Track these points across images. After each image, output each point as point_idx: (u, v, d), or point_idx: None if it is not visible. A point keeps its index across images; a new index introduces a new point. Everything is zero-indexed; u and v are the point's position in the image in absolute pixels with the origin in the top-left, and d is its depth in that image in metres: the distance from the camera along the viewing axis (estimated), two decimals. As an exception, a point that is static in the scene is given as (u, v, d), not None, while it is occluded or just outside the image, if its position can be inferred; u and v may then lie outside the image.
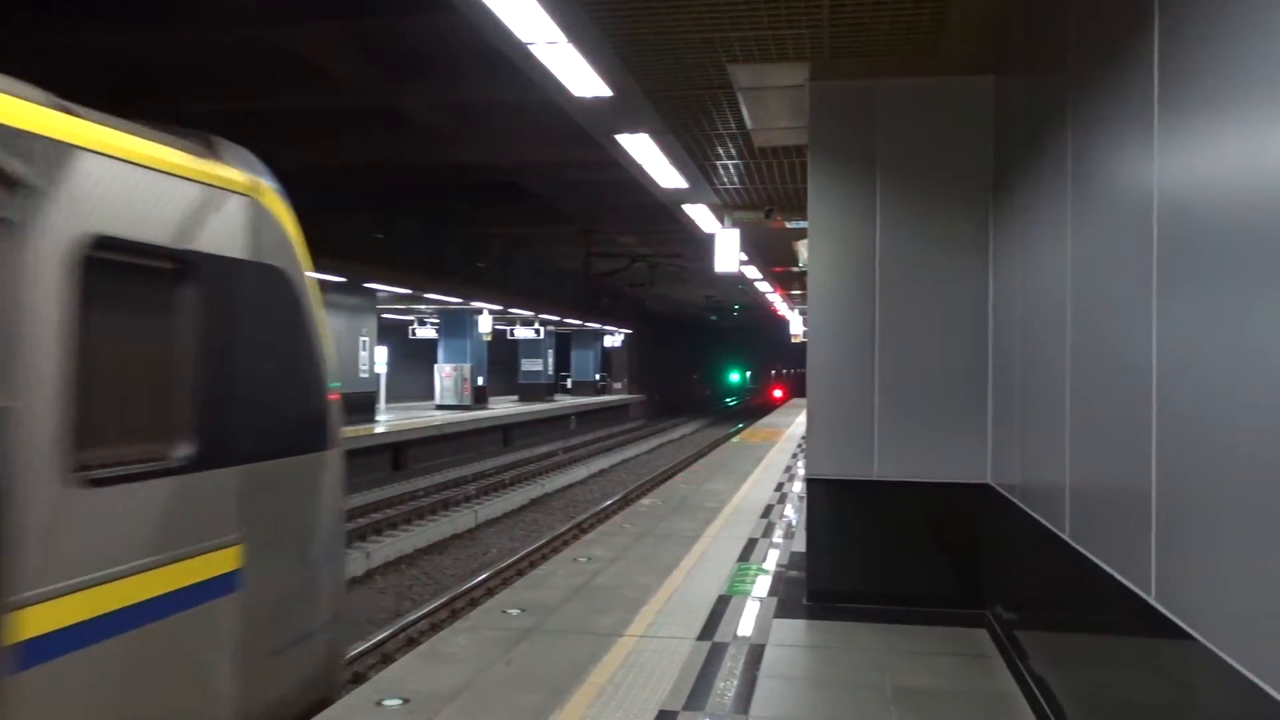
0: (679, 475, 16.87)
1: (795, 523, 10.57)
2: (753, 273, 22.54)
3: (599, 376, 49.49)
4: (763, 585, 7.70)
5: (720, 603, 7.14)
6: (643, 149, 9.73)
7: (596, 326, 44.21)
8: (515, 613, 6.85)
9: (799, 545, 8.69)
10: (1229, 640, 2.50)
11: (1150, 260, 3.09)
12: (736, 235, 13.31)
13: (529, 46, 6.47)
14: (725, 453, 20.33)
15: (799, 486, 13.67)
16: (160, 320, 3.61)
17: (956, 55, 6.62)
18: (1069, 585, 4.29)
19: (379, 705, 5.07)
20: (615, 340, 48.37)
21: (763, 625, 6.55)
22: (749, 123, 8.50)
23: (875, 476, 6.87)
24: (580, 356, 49.40)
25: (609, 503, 19.46)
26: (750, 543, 9.53)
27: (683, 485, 14.44)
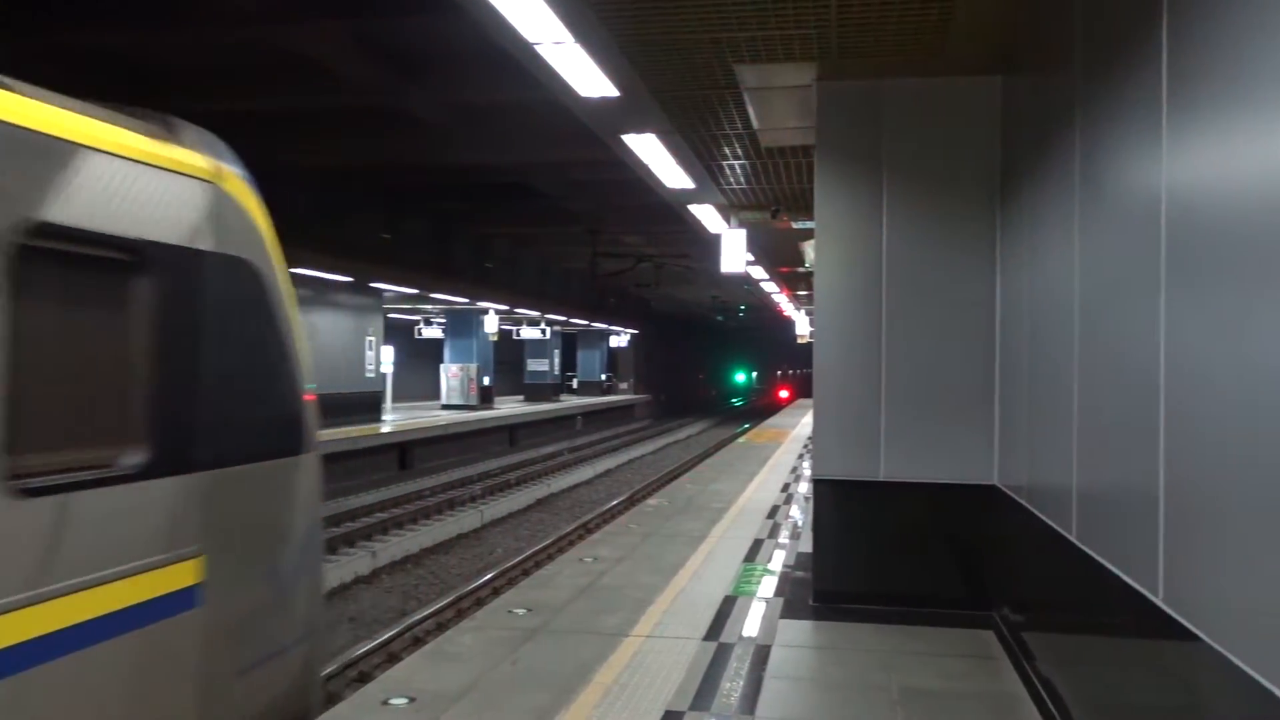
0: (685, 475, 16.86)
1: (801, 523, 10.56)
2: (759, 273, 22.52)
3: (605, 377, 49.50)
4: (769, 586, 7.70)
5: (726, 603, 7.14)
6: (649, 149, 9.73)
7: (602, 326, 44.23)
8: (521, 612, 6.86)
9: (805, 546, 8.68)
10: (1236, 642, 2.50)
11: (1158, 261, 3.08)
12: (743, 236, 13.30)
13: (535, 46, 6.48)
14: (731, 453, 20.32)
15: (805, 487, 13.66)
16: (109, 315, 3.33)
17: (963, 55, 6.61)
18: (1076, 587, 4.29)
19: (385, 704, 5.08)
20: (621, 340, 48.38)
21: (769, 626, 6.55)
22: (756, 123, 8.49)
23: (882, 477, 6.86)
24: (586, 357, 49.42)
25: (615, 503, 19.46)
26: (756, 543, 9.53)
27: (689, 485, 14.44)
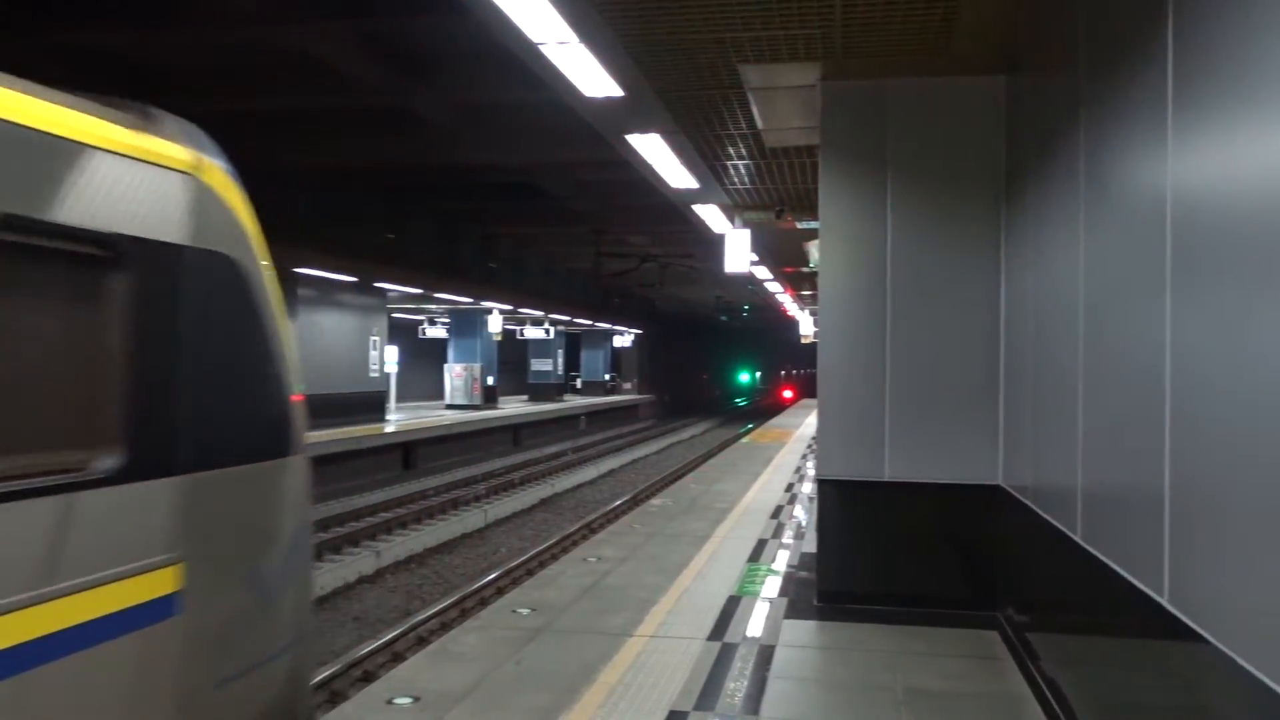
0: (689, 475, 16.86)
1: (805, 523, 10.56)
2: (763, 273, 22.52)
3: (609, 377, 49.51)
4: (773, 586, 7.69)
5: (730, 603, 7.14)
6: (654, 149, 9.74)
7: (606, 326, 44.23)
8: (525, 612, 6.86)
9: (809, 546, 8.68)
10: (1242, 642, 2.49)
11: (1163, 261, 3.08)
12: (747, 236, 13.30)
13: (540, 47, 6.48)
14: (735, 453, 20.32)
15: (809, 487, 13.65)
16: (81, 312, 3.17)
17: (968, 55, 6.61)
18: (1080, 587, 4.28)
19: (390, 704, 5.08)
20: (625, 340, 48.38)
21: (773, 626, 6.55)
22: (760, 123, 8.49)
23: (886, 477, 6.85)
24: (590, 356, 49.43)
25: (619, 503, 19.46)
26: (760, 543, 9.52)
27: (693, 485, 14.44)
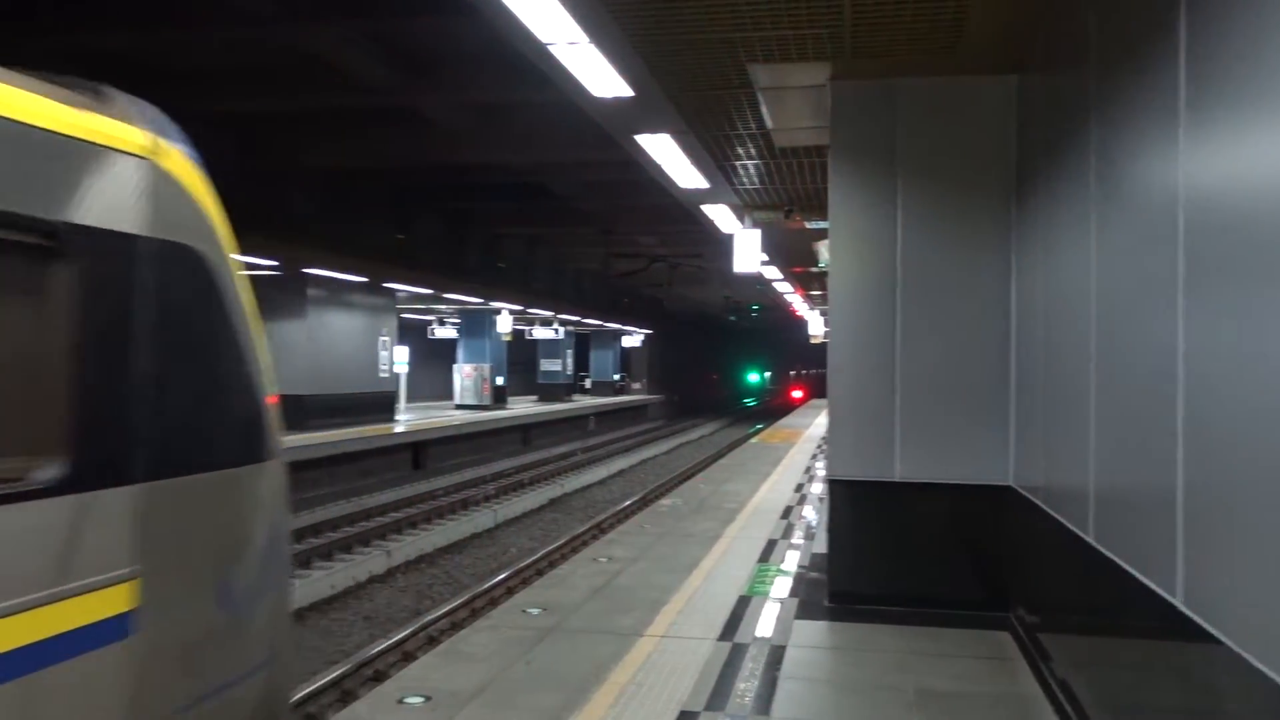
0: (698, 476, 16.85)
1: (815, 524, 10.54)
2: (772, 273, 22.49)
3: (618, 377, 49.52)
4: (783, 586, 7.68)
5: (741, 603, 7.14)
6: (663, 149, 9.74)
7: (615, 327, 44.24)
8: (535, 612, 6.87)
9: (820, 546, 8.66)
10: (1256, 644, 2.48)
11: (1175, 261, 3.07)
12: (757, 236, 13.28)
13: (549, 47, 6.49)
14: (744, 453, 20.31)
15: (818, 488, 13.63)
16: (21, 307, 2.90)
17: (978, 54, 6.59)
18: (1093, 588, 4.27)
19: (401, 703, 5.09)
20: (634, 340, 48.38)
21: (784, 626, 6.54)
22: (769, 123, 8.48)
23: (897, 478, 6.84)
24: (599, 357, 49.45)
25: (628, 503, 19.46)
26: (770, 544, 9.51)
27: (702, 486, 14.43)
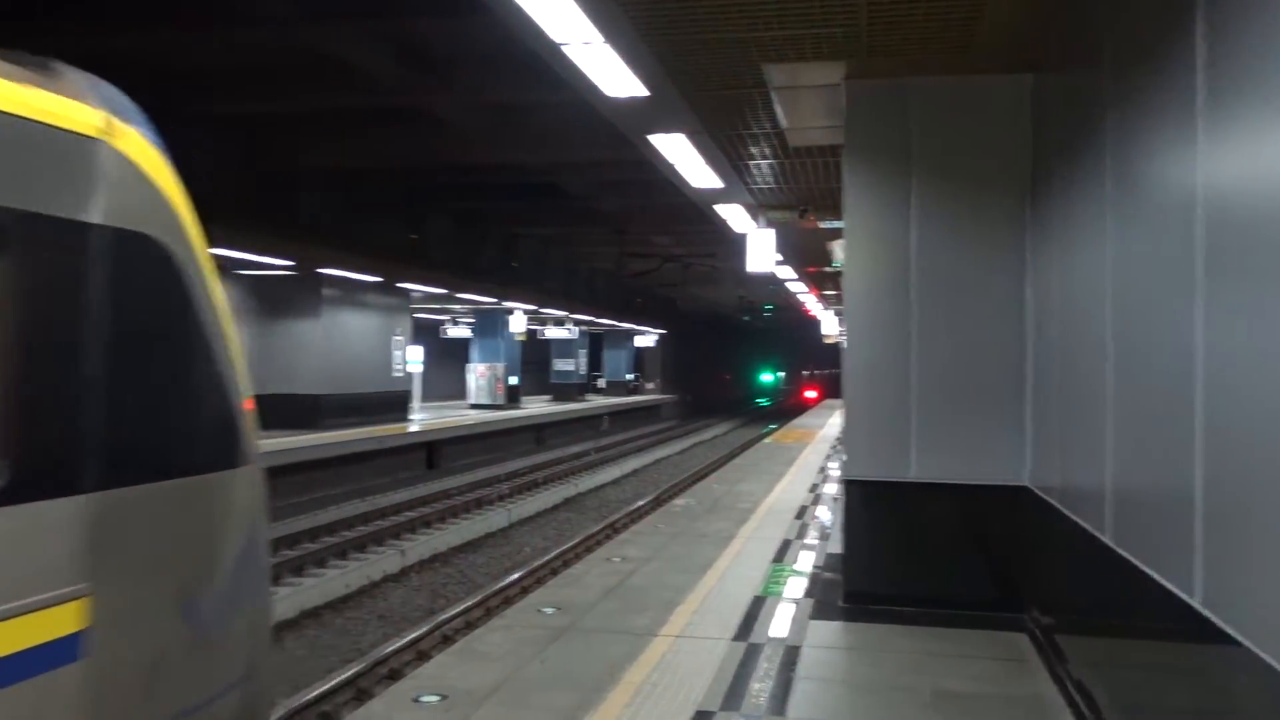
0: (712, 476, 16.85)
1: (830, 524, 10.52)
2: (786, 273, 22.46)
3: (632, 376, 49.52)
4: (798, 586, 7.68)
5: (755, 604, 7.13)
6: (678, 149, 9.74)
7: (629, 326, 44.25)
8: (550, 611, 6.88)
9: (834, 547, 8.65)
10: (1276, 645, 2.46)
11: (1193, 261, 3.05)
12: (772, 235, 13.27)
13: (564, 47, 6.49)
14: (758, 453, 20.29)
15: (832, 488, 13.61)
16: None
17: (993, 53, 6.56)
18: (1110, 589, 4.25)
19: (417, 701, 5.11)
20: (648, 340, 48.37)
21: (799, 627, 6.54)
22: (784, 122, 8.48)
23: (913, 478, 6.82)
24: (612, 356, 49.46)
25: (642, 503, 19.46)
26: (784, 544, 9.50)
27: (716, 486, 14.43)
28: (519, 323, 32.90)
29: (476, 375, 33.28)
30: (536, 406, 34.95)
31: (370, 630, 10.83)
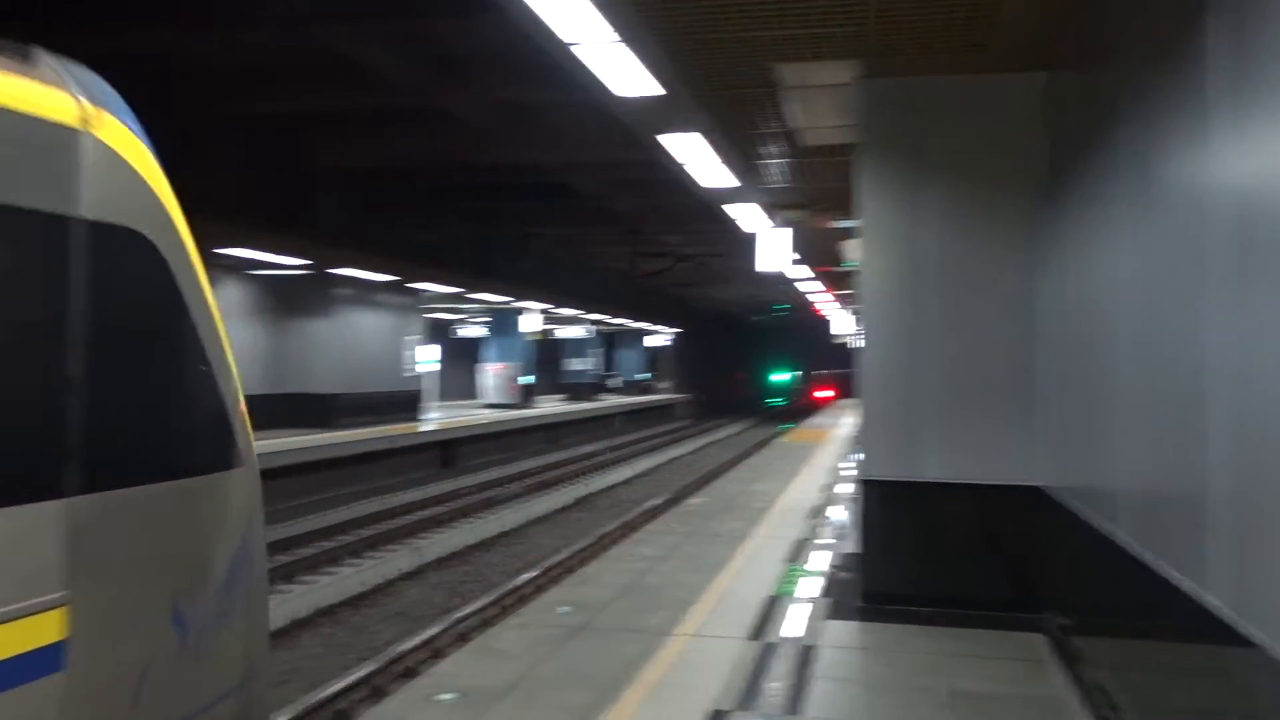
0: (726, 475, 16.85)
1: (845, 524, 10.51)
2: (799, 272, 22.42)
3: (647, 376, 49.52)
4: (813, 586, 7.67)
5: (770, 603, 7.13)
6: (692, 148, 9.74)
7: (642, 326, 44.27)
8: (565, 610, 6.90)
9: (850, 547, 8.64)
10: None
11: (1213, 260, 3.04)
12: (787, 234, 13.26)
13: (579, 47, 6.50)
14: (772, 453, 20.27)
15: (847, 488, 13.59)
16: None
17: (1006, 52, 6.54)
18: (1126, 591, 4.23)
19: (434, 699, 5.13)
20: (661, 340, 48.38)
21: (814, 626, 6.53)
22: (796, 121, 8.47)
23: (929, 478, 6.81)
24: (625, 356, 49.49)
25: (656, 502, 19.45)
26: (799, 544, 9.50)
27: (730, 485, 14.42)
28: (533, 322, 32.95)
29: (490, 374, 33.37)
30: (550, 406, 35.00)
31: (386, 628, 10.87)
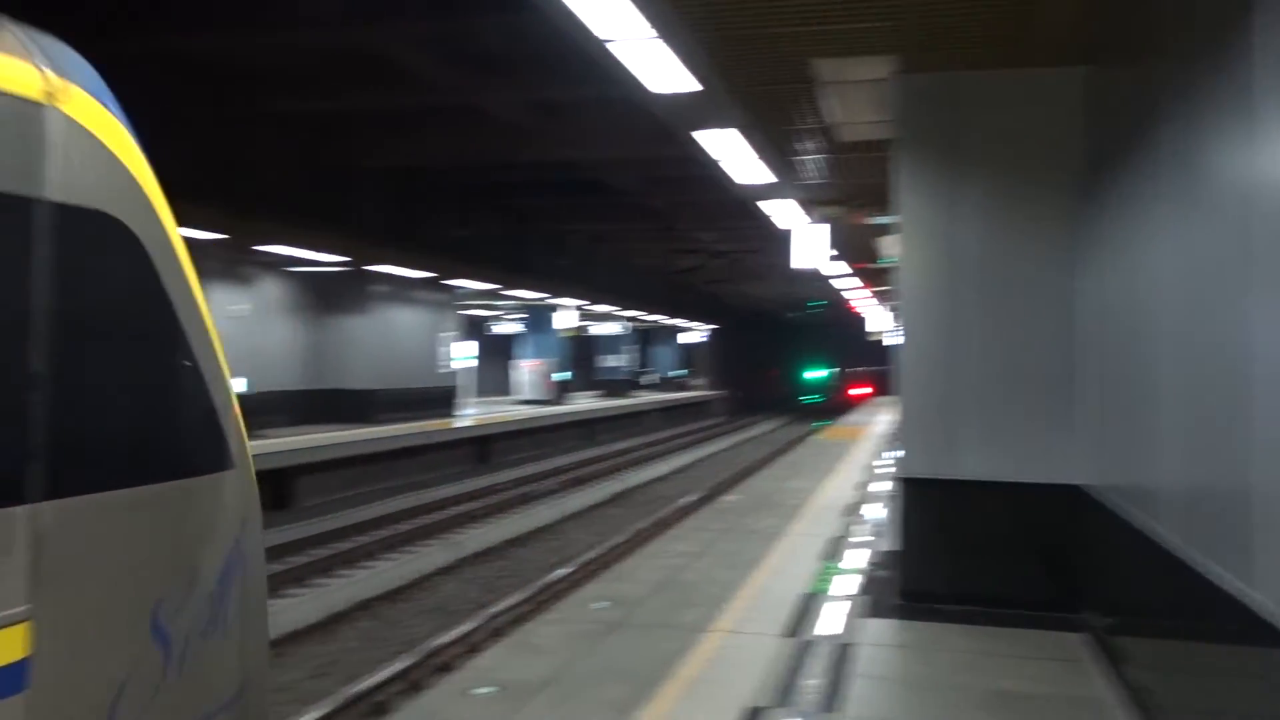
0: (760, 472, 16.81)
1: (881, 522, 10.45)
2: (836, 269, 22.29)
3: (679, 373, 49.50)
4: (849, 584, 7.63)
5: (806, 600, 7.11)
6: (728, 144, 9.71)
7: (676, 323, 44.26)
8: (600, 606, 6.91)
9: (887, 545, 8.59)
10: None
11: (1259, 255, 2.99)
12: (826, 231, 13.19)
13: (615, 43, 6.49)
14: (806, 450, 20.20)
15: (883, 486, 13.50)
16: None
17: (1045, 45, 6.46)
18: (1170, 592, 4.17)
19: (472, 693, 5.17)
20: (696, 336, 48.34)
21: (851, 624, 6.50)
22: (833, 116, 8.42)
23: (968, 476, 6.75)
24: (659, 353, 49.52)
25: (692, 498, 19.45)
26: (835, 541, 9.45)
27: (765, 482, 14.39)
28: (568, 319, 33.05)
29: (525, 371, 33.51)
30: (584, 402, 35.09)
31: (422, 623, 10.96)
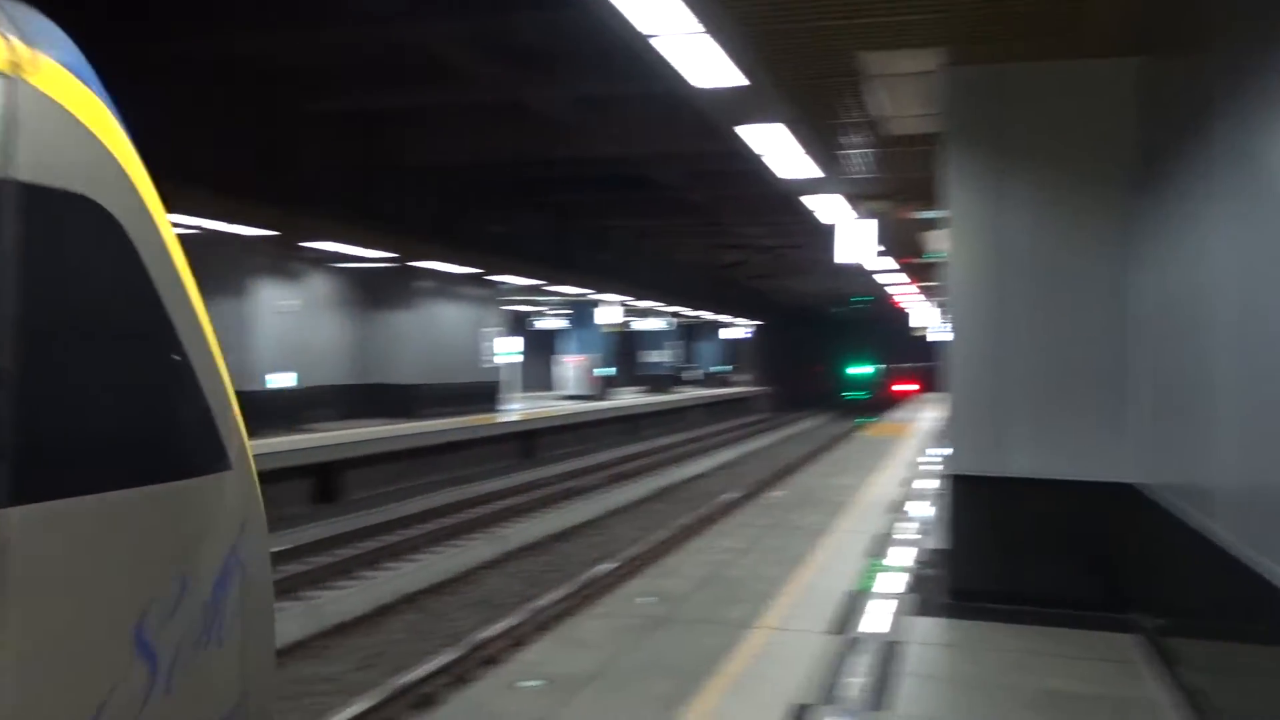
0: (805, 468, 16.74)
1: (928, 520, 10.35)
2: (882, 264, 22.10)
3: (722, 369, 49.38)
4: (896, 581, 7.58)
5: (852, 598, 7.07)
6: (772, 139, 9.67)
7: (720, 318, 44.16)
8: (645, 601, 6.94)
9: (934, 542, 8.52)
10: None
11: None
12: (873, 225, 13.09)
13: (659, 38, 6.49)
14: (851, 447, 20.08)
15: (930, 483, 13.38)
16: None
17: (1097, 36, 6.35)
18: (1224, 591, 4.10)
19: (519, 686, 5.22)
20: (739, 332, 48.20)
21: (898, 622, 6.46)
22: (880, 110, 8.36)
23: (1017, 474, 6.67)
24: (703, 348, 49.42)
25: (735, 495, 19.42)
26: (880, 538, 9.39)
27: (809, 478, 14.34)
28: (612, 314, 33.12)
29: (568, 366, 33.65)
30: (628, 398, 35.15)
31: (468, 615, 11.06)
